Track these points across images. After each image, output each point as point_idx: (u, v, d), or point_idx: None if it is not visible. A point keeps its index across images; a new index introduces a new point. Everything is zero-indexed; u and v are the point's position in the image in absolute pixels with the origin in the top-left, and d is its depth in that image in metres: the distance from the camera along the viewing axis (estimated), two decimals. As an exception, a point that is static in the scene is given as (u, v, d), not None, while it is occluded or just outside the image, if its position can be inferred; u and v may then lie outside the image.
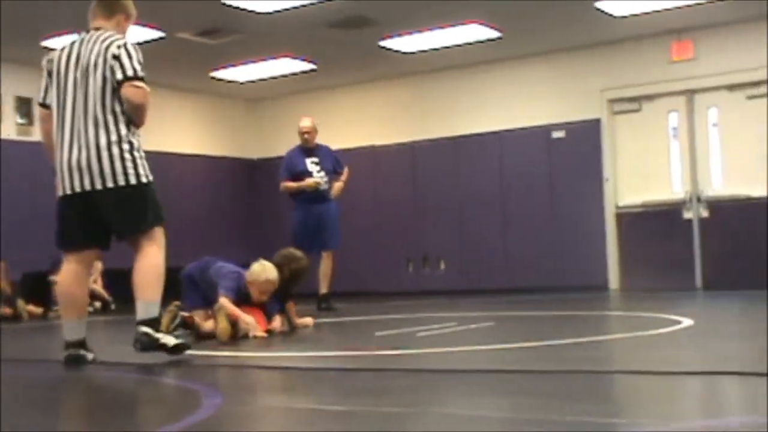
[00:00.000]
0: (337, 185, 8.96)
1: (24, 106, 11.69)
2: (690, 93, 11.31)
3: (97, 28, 4.79)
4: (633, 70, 11.47)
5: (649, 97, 11.53)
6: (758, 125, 10.79)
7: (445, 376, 3.98)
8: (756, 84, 10.88)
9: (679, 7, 10.00)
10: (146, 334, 4.58)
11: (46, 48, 10.55)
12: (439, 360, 4.55)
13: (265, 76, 12.69)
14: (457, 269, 12.03)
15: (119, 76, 4.58)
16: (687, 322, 5.88)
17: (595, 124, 11.65)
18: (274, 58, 11.83)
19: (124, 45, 4.66)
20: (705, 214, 11.13)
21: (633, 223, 11.49)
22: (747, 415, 2.79)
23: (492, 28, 10.66)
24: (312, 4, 9.32)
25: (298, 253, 6.50)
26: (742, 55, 10.85)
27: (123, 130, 4.63)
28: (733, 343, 5.00)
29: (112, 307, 11.47)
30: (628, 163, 11.63)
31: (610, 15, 10.22)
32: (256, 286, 6.05)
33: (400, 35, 10.87)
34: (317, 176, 8.84)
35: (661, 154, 11.44)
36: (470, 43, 11.20)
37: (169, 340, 4.66)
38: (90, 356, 4.79)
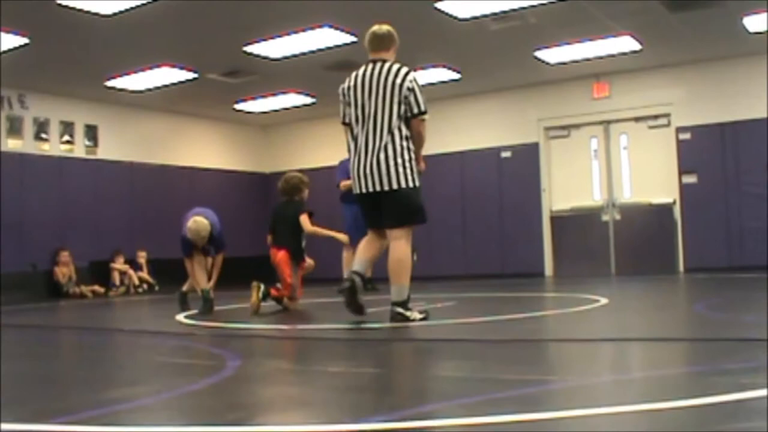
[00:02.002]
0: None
1: (91, 131, 11.64)
2: (606, 123, 11.37)
3: (382, 60, 4.74)
4: (563, 104, 11.52)
5: (576, 126, 11.58)
6: (658, 149, 10.89)
7: (415, 344, 3.98)
8: (656, 117, 10.97)
9: (599, 57, 10.06)
10: (399, 313, 4.67)
11: (110, 87, 10.59)
12: (410, 332, 4.55)
13: (276, 107, 12.65)
14: (427, 259, 12.02)
15: (415, 110, 4.59)
16: (603, 300, 5.91)
17: (534, 146, 11.68)
18: (283, 93, 11.79)
19: (415, 80, 4.64)
20: (618, 216, 11.19)
21: (563, 224, 11.53)
22: (648, 370, 2.82)
23: (454, 70, 10.68)
24: (312, 52, 9.31)
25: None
26: (647, 94, 10.93)
27: (405, 146, 4.62)
28: (638, 317, 5.04)
29: (156, 288, 11.41)
30: (560, 177, 11.68)
31: (546, 62, 10.27)
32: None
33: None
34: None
35: (584, 170, 11.49)
36: (436, 83, 11.21)
37: (416, 316, 4.70)
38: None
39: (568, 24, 8.72)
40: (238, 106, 12.50)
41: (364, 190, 4.70)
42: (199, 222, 6.24)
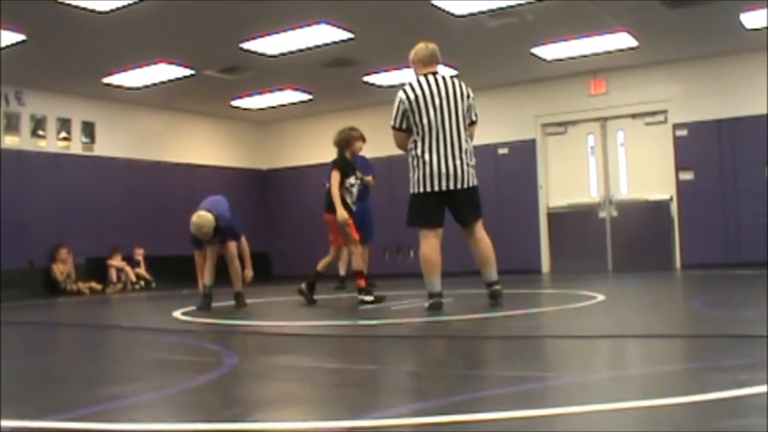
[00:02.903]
0: (365, 179, 8.93)
1: (88, 128, 11.62)
2: (603, 120, 11.37)
3: (435, 72, 5.29)
4: (560, 101, 11.52)
5: (573, 123, 11.58)
6: (654, 145, 10.89)
7: (413, 341, 3.98)
8: (653, 113, 10.97)
9: (596, 53, 10.06)
10: (498, 291, 5.33)
11: (107, 84, 10.57)
12: (408, 329, 4.55)
13: (272, 104, 12.63)
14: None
15: (474, 118, 5.30)
16: (600, 297, 5.92)
17: (531, 143, 11.69)
18: (280, 89, 11.78)
19: (471, 90, 5.34)
20: (615, 213, 11.20)
21: (560, 221, 11.54)
22: (646, 367, 2.82)
23: (451, 67, 10.66)
24: (309, 48, 9.30)
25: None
26: (643, 91, 10.94)
27: (472, 149, 5.25)
28: (636, 313, 5.04)
29: (153, 285, 11.40)
30: (557, 174, 11.68)
31: (543, 59, 10.27)
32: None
33: (376, 72, 10.87)
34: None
35: (581, 166, 11.50)
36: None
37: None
38: (445, 301, 5.32)
39: (564, 20, 8.71)
40: (234, 103, 12.49)
41: (444, 188, 5.12)
42: (202, 217, 6.08)
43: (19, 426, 2.08)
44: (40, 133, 11.02)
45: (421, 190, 5.15)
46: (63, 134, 11.30)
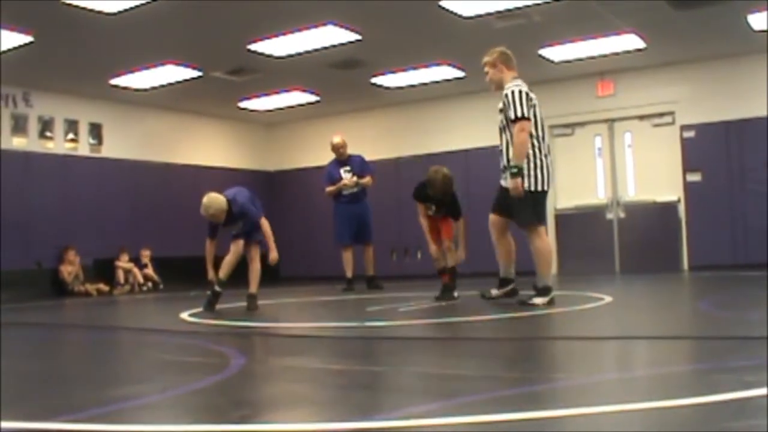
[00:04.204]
0: (362, 180, 8.90)
1: (95, 130, 11.66)
2: (611, 121, 11.35)
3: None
4: (567, 102, 11.49)
5: (580, 124, 11.56)
6: (662, 147, 10.87)
7: (420, 342, 3.98)
8: (660, 115, 10.95)
9: (603, 55, 10.04)
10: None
11: (114, 86, 10.60)
12: (415, 330, 4.55)
13: (280, 105, 12.64)
14: (430, 257, 11.94)
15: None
16: (608, 298, 5.91)
17: (538, 144, 11.66)
18: (287, 91, 11.79)
19: None
20: (622, 214, 11.17)
21: (568, 222, 11.52)
22: (653, 368, 2.81)
23: (458, 68, 10.67)
24: (316, 50, 9.30)
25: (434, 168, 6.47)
26: (651, 92, 10.91)
27: None
28: (643, 315, 5.04)
29: (161, 286, 11.43)
30: (564, 175, 11.65)
31: (550, 60, 10.25)
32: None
33: (384, 74, 10.87)
34: (346, 177, 8.84)
35: (589, 168, 11.47)
36: (440, 81, 11.21)
37: (539, 301, 5.41)
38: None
39: (572, 22, 8.70)
40: (242, 104, 12.51)
41: (547, 188, 5.44)
42: (211, 198, 5.92)
43: (26, 427, 2.09)
44: (48, 134, 11.06)
45: (540, 188, 5.37)
46: (70, 135, 11.34)
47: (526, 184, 5.35)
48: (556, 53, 9.97)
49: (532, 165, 5.37)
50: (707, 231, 10.37)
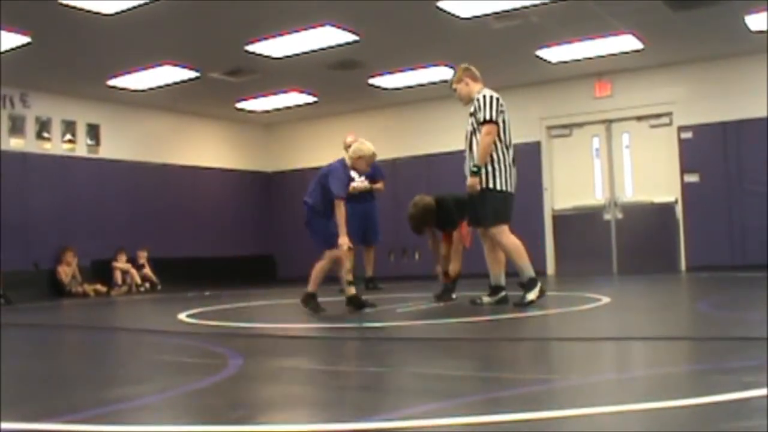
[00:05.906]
0: (375, 186, 8.98)
1: (93, 130, 11.65)
2: (608, 122, 11.36)
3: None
4: (565, 103, 11.51)
5: (578, 125, 11.57)
6: (659, 147, 10.88)
7: (417, 343, 3.98)
8: (658, 116, 10.96)
9: (601, 55, 10.05)
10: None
11: (112, 86, 10.60)
12: (412, 331, 4.55)
13: (277, 106, 12.64)
14: (428, 258, 11.97)
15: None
16: (606, 299, 5.92)
17: (536, 145, 11.67)
18: (285, 92, 11.79)
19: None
20: (620, 215, 11.18)
21: (565, 223, 11.52)
22: (652, 369, 2.82)
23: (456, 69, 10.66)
24: (314, 51, 9.30)
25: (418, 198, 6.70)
26: (648, 93, 10.92)
27: None
28: (641, 315, 5.04)
29: (159, 287, 11.42)
30: (562, 176, 11.67)
31: (548, 61, 10.26)
32: (364, 159, 5.86)
33: (382, 75, 10.87)
34: (358, 181, 8.86)
35: (586, 169, 11.48)
36: (437, 82, 11.20)
37: (532, 296, 5.50)
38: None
39: (570, 23, 8.71)
40: (239, 105, 12.50)
41: (513, 190, 5.60)
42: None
43: (26, 428, 2.09)
44: (45, 135, 11.05)
45: (503, 188, 5.49)
46: (68, 136, 11.33)
47: (490, 183, 5.48)
48: (553, 54, 9.97)
49: (496, 166, 5.51)
50: (705, 232, 10.38)
